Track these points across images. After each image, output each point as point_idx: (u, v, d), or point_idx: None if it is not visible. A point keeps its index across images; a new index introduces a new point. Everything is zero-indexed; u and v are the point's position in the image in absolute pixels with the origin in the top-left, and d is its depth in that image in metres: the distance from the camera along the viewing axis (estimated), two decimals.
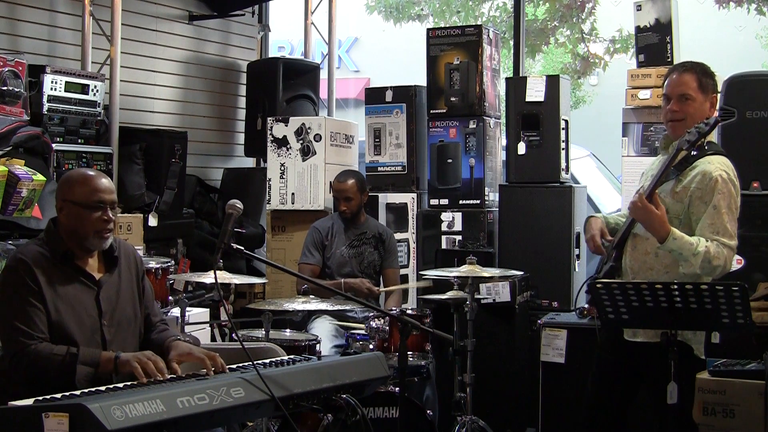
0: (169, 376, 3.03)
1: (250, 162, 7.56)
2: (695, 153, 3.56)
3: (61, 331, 3.09)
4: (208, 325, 5.47)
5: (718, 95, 3.71)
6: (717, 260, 3.43)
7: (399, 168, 6.15)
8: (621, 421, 3.75)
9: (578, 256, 5.61)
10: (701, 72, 3.64)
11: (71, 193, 3.20)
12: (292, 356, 3.50)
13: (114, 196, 3.25)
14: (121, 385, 2.90)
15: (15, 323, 3.02)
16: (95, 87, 5.45)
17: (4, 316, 3.07)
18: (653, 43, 5.56)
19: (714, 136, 5.29)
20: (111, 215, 3.21)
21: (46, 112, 5.14)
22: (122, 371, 3.02)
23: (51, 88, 5.17)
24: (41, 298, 3.07)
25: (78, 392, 2.73)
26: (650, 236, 3.55)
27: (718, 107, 4.94)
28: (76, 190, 3.20)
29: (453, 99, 5.90)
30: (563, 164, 5.69)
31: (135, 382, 2.93)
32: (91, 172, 3.30)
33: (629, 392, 3.70)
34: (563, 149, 5.69)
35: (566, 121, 5.74)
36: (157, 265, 4.64)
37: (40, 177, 4.58)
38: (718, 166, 3.53)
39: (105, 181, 3.25)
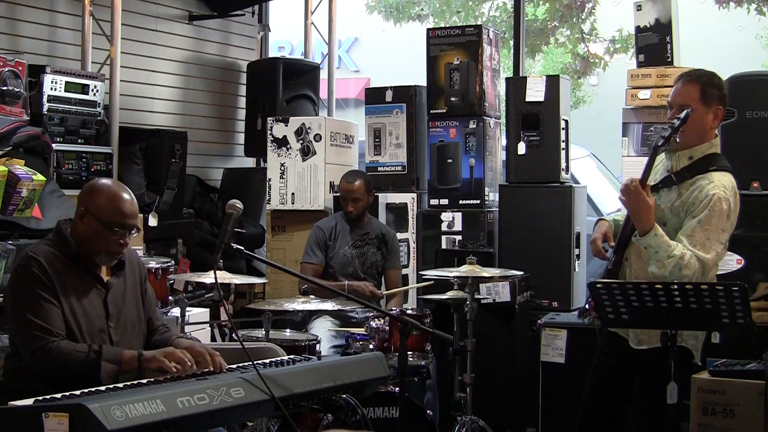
0: (163, 377, 3.04)
1: (250, 162, 7.56)
2: (696, 164, 3.52)
3: (70, 330, 3.09)
4: (208, 325, 5.47)
5: (724, 109, 3.60)
6: (687, 269, 3.37)
7: (399, 168, 6.15)
8: (617, 425, 3.73)
9: (578, 256, 5.61)
10: (707, 83, 3.56)
11: (96, 205, 3.17)
12: (292, 356, 3.50)
13: (136, 220, 3.24)
14: (121, 385, 2.91)
15: (32, 319, 3.02)
16: (95, 87, 5.46)
17: (20, 313, 3.06)
18: (653, 43, 5.56)
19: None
20: (127, 240, 3.21)
21: (46, 112, 5.15)
22: (147, 368, 3.04)
23: (51, 88, 5.17)
24: (55, 295, 3.07)
25: (78, 392, 2.73)
26: None
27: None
28: (101, 204, 3.17)
29: (453, 99, 5.90)
30: (563, 164, 5.69)
31: (135, 382, 2.94)
32: (120, 190, 3.23)
33: (627, 397, 3.69)
34: (563, 149, 5.69)
35: (566, 121, 5.74)
36: (157, 265, 4.63)
37: (40, 177, 4.58)
38: (717, 184, 3.47)
39: (132, 205, 3.21)
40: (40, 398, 2.64)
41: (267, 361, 3.24)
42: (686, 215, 3.50)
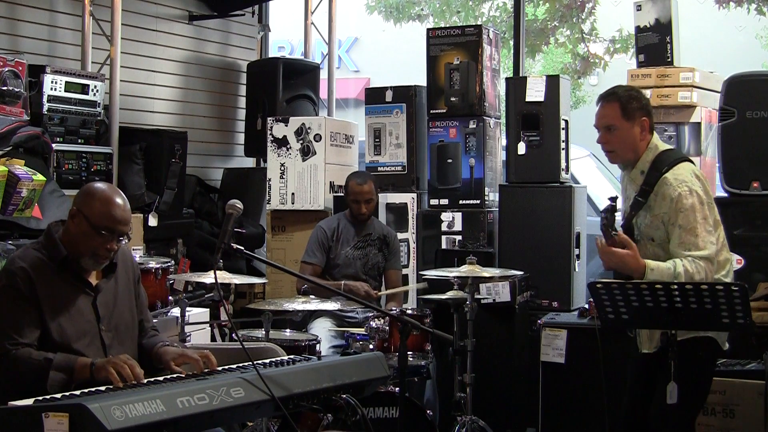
0: (163, 377, 3.03)
1: (250, 162, 7.56)
2: (650, 172, 3.59)
3: (61, 338, 3.08)
4: (208, 325, 5.47)
5: (650, 118, 3.69)
6: (698, 275, 3.41)
7: (399, 168, 6.15)
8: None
9: (578, 256, 5.61)
10: (625, 98, 3.65)
11: (89, 207, 3.16)
12: (292, 356, 3.50)
13: (127, 228, 3.21)
14: (121, 384, 2.90)
15: (4, 329, 3.01)
16: (95, 87, 5.45)
17: None
18: (653, 43, 5.56)
19: (714, 137, 5.33)
20: (115, 245, 3.19)
21: (46, 112, 5.14)
22: (98, 377, 2.97)
23: (51, 88, 5.16)
24: (37, 307, 3.05)
25: (78, 392, 2.73)
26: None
27: (718, 108, 4.96)
28: (94, 207, 3.15)
29: (453, 99, 5.89)
30: (563, 164, 5.69)
31: (134, 382, 2.93)
32: (115, 195, 3.21)
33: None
34: (563, 149, 5.69)
35: (566, 121, 5.74)
36: (157, 265, 4.63)
37: (40, 177, 4.57)
38: (675, 185, 3.52)
39: (124, 212, 3.19)
40: (40, 398, 2.64)
41: (267, 361, 3.24)
42: (665, 225, 3.54)
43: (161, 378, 3.01)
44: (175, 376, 3.07)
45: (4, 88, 4.70)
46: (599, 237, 3.54)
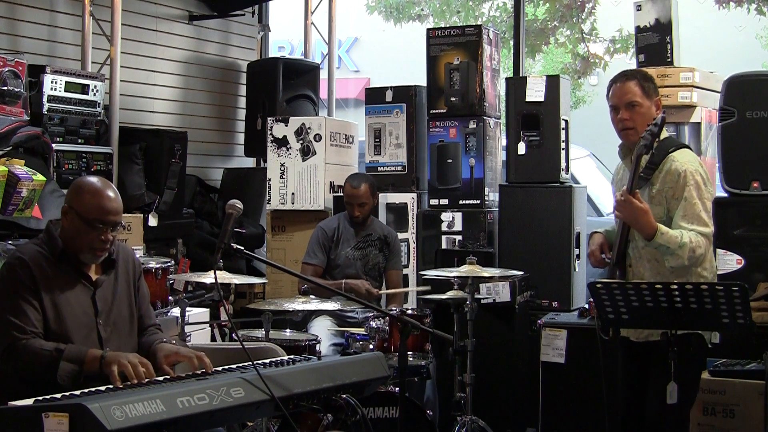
0: (162, 377, 3.03)
1: (250, 162, 7.56)
2: (655, 152, 3.63)
3: (59, 328, 3.10)
4: (208, 325, 5.47)
5: (659, 96, 3.78)
6: (699, 249, 3.49)
7: (399, 168, 6.15)
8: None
9: (578, 256, 5.61)
10: (642, 78, 3.74)
11: (78, 202, 3.18)
12: (292, 356, 3.50)
13: (119, 217, 3.23)
14: (121, 385, 2.90)
15: (9, 318, 3.04)
16: (95, 87, 5.45)
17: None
18: (653, 43, 5.56)
19: (714, 137, 5.32)
20: (110, 236, 3.20)
21: (46, 112, 5.14)
22: (107, 370, 2.99)
23: (51, 88, 5.17)
24: (37, 296, 3.08)
25: (78, 392, 2.73)
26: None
27: (718, 108, 4.97)
28: (84, 201, 3.17)
29: (453, 99, 5.89)
30: (563, 164, 5.69)
31: (134, 382, 2.93)
32: (103, 187, 3.22)
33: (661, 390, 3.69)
34: (563, 149, 5.69)
35: (566, 121, 5.74)
36: (157, 265, 4.63)
37: (40, 177, 4.58)
38: (682, 161, 3.61)
39: (114, 202, 3.20)
40: (40, 398, 2.64)
41: (267, 361, 3.24)
42: (668, 202, 3.60)
43: (161, 378, 3.01)
44: (175, 376, 3.07)
45: (4, 88, 4.70)
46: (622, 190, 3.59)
